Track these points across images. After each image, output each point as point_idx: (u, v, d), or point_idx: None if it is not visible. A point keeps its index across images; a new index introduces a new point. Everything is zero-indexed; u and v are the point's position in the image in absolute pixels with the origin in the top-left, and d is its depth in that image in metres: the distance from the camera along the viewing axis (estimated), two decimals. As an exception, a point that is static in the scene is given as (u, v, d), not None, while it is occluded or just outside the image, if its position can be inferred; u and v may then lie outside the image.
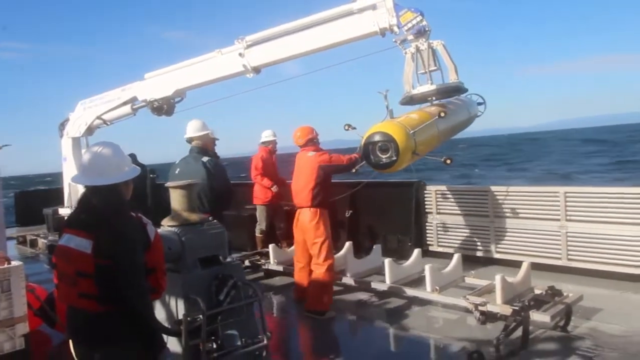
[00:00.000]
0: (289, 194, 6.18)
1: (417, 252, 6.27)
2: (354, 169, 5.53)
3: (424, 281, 5.47)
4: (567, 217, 6.33)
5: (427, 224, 7.75)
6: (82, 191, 2.67)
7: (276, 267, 7.09)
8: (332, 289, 5.71)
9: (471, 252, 7.16)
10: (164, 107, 7.80)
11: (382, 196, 8.23)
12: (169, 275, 2.83)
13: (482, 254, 7.09)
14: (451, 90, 5.67)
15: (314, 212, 5.56)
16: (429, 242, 7.72)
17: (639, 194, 5.87)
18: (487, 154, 60.61)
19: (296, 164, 5.87)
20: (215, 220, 3.95)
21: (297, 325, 5.78)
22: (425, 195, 7.77)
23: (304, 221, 5.63)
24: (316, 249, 5.53)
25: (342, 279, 6.11)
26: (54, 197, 11.16)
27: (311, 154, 5.67)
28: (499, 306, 4.66)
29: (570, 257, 6.30)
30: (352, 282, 6.10)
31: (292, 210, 6.37)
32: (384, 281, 5.80)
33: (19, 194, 13.96)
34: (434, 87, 5.50)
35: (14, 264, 4.16)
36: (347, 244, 6.56)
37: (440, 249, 7.54)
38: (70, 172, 9.39)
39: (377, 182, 8.80)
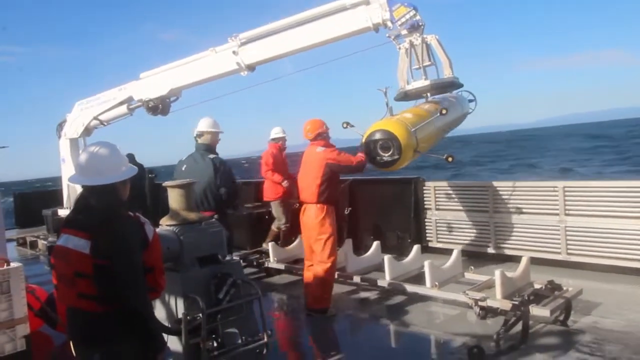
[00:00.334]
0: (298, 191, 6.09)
1: (416, 248, 6.27)
2: (363, 171, 5.45)
3: (424, 277, 5.48)
4: (566, 212, 6.33)
5: (426, 220, 7.75)
6: (80, 191, 2.67)
7: (276, 265, 7.09)
8: (333, 286, 5.70)
9: (470, 248, 7.17)
10: (159, 107, 7.76)
11: (381, 193, 8.25)
12: (167, 274, 2.83)
13: (482, 250, 7.10)
14: (446, 85, 5.61)
15: (320, 208, 5.39)
16: (428, 238, 7.72)
17: (637, 187, 5.88)
18: (487, 151, 60.42)
19: (304, 158, 5.66)
20: (220, 217, 3.95)
21: (297, 322, 5.77)
22: (424, 191, 7.78)
23: (310, 217, 5.46)
24: (320, 246, 5.38)
25: (342, 276, 6.10)
26: (53, 198, 11.18)
27: (320, 150, 5.44)
28: (498, 301, 4.69)
29: (569, 251, 6.31)
30: (352, 279, 6.10)
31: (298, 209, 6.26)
32: (384, 278, 5.80)
33: (18, 196, 13.91)
34: (428, 82, 5.45)
35: (13, 265, 4.17)
36: (346, 241, 6.56)
37: (439, 245, 7.54)
38: (68, 173, 9.35)
39: (376, 179, 8.79)
